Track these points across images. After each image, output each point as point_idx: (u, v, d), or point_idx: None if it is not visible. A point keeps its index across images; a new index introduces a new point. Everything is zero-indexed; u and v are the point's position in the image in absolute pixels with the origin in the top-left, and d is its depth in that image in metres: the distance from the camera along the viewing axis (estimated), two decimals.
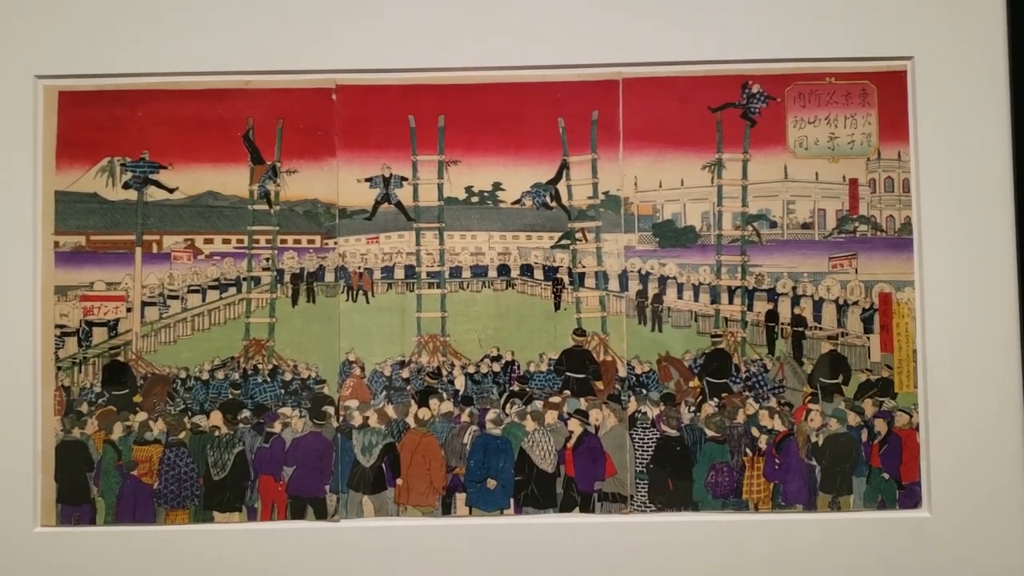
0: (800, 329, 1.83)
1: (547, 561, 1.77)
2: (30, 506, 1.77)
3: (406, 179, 1.86)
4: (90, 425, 1.81)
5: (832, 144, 1.83)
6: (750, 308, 1.84)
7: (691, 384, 1.83)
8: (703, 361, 1.83)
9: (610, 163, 1.83)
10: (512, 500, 1.80)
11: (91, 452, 1.80)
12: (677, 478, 1.80)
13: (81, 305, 1.82)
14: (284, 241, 1.86)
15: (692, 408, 1.82)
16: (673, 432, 1.81)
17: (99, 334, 1.83)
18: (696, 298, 1.85)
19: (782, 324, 1.83)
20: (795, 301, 1.83)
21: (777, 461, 1.80)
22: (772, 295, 1.84)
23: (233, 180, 1.84)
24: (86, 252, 1.83)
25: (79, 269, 1.82)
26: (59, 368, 1.81)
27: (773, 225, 1.84)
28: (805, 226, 1.83)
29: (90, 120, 1.82)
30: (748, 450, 1.81)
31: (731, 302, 1.84)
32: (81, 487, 1.79)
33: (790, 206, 1.84)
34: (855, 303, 1.82)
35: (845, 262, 1.82)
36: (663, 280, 1.84)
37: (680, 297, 1.84)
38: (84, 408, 1.81)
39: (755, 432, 1.81)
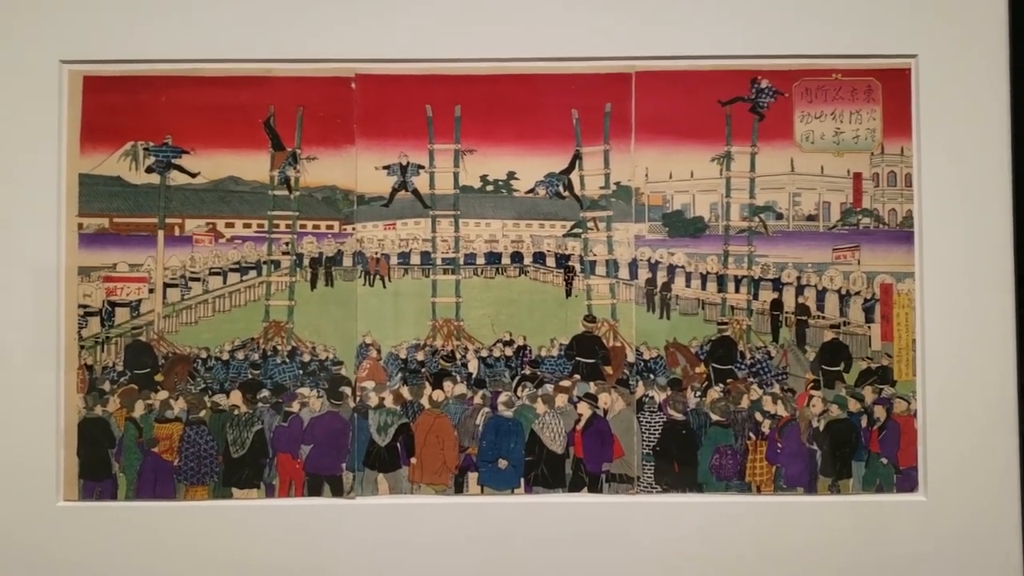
0: (804, 318, 1.88)
1: (556, 539, 1.82)
2: (53, 481, 1.81)
3: (423, 167, 1.89)
4: (112, 403, 1.85)
5: (837, 139, 1.88)
6: (755, 297, 1.89)
7: (697, 370, 1.87)
8: (709, 348, 1.88)
9: (622, 154, 1.87)
10: (522, 480, 1.85)
11: (113, 429, 1.84)
12: (682, 460, 1.85)
13: (104, 286, 1.85)
14: (303, 226, 1.89)
15: (698, 393, 1.87)
16: (679, 416, 1.86)
17: (122, 314, 1.86)
18: (703, 286, 1.89)
19: (786, 313, 1.88)
20: (799, 291, 1.88)
21: (779, 445, 1.85)
22: (777, 284, 1.88)
23: (254, 166, 1.87)
24: (109, 234, 1.86)
25: (102, 251, 1.85)
26: (82, 347, 1.84)
27: (779, 217, 1.89)
28: (810, 218, 1.88)
29: (114, 105, 1.85)
30: (751, 434, 1.86)
31: (737, 291, 1.89)
32: (103, 463, 1.83)
33: (796, 198, 1.88)
34: (857, 293, 1.87)
35: (848, 253, 1.87)
36: (672, 269, 1.89)
37: (688, 285, 1.89)
38: (106, 386, 1.85)
39: (758, 417, 1.86)
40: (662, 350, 1.87)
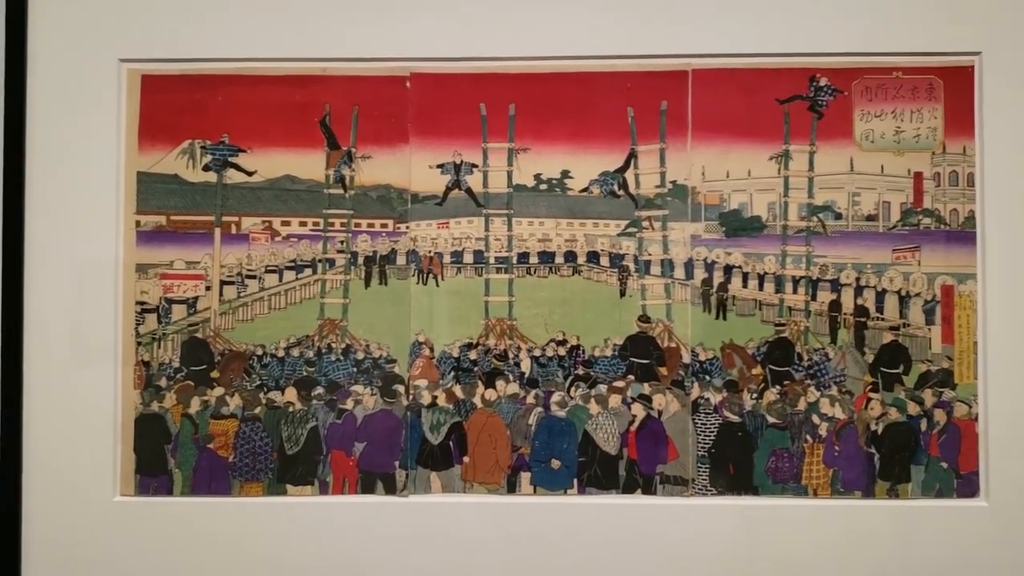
0: (862, 319, 1.85)
1: (609, 540, 1.81)
2: (110, 476, 1.83)
3: (476, 166, 1.89)
4: (168, 399, 1.86)
5: (898, 138, 1.85)
6: (814, 298, 1.87)
7: (754, 371, 1.86)
8: (766, 349, 1.86)
9: (678, 153, 1.86)
10: (576, 480, 1.84)
11: (169, 425, 1.85)
12: (738, 463, 1.83)
13: (161, 283, 1.86)
14: (358, 225, 1.90)
15: (754, 395, 1.85)
16: (735, 418, 1.84)
17: (178, 311, 1.87)
18: (761, 287, 1.87)
19: (845, 314, 1.86)
20: (858, 292, 1.85)
21: (837, 448, 1.83)
22: (835, 285, 1.86)
23: (310, 164, 1.88)
24: (166, 232, 1.87)
25: (160, 248, 1.87)
26: (139, 343, 1.86)
27: (838, 216, 1.86)
28: (870, 218, 1.86)
29: (172, 103, 1.86)
30: (808, 437, 1.84)
31: (795, 292, 1.87)
32: (159, 459, 1.85)
33: (855, 198, 1.86)
34: (917, 295, 1.84)
35: (908, 254, 1.84)
36: (728, 269, 1.87)
37: (745, 286, 1.87)
38: (163, 383, 1.86)
39: (816, 419, 1.84)
40: (718, 351, 1.86)
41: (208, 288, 1.88)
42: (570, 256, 1.89)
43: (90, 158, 1.85)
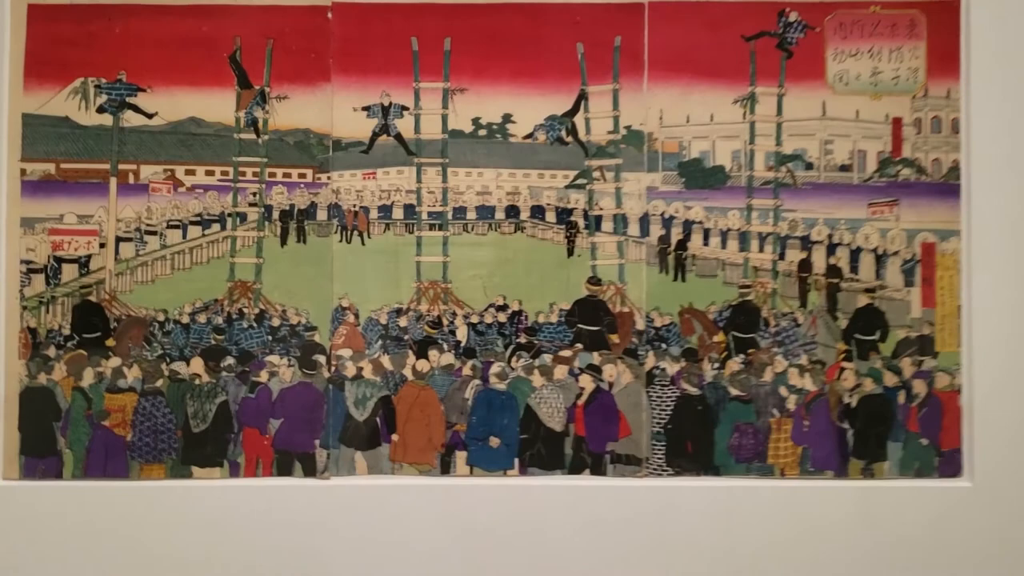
0: (835, 281, 1.80)
1: (553, 526, 1.72)
2: None
3: (407, 108, 1.81)
4: (58, 370, 1.78)
5: (875, 79, 1.79)
6: (782, 257, 1.81)
7: (715, 338, 1.79)
8: (729, 314, 1.81)
9: (633, 94, 1.78)
10: (516, 460, 1.78)
11: (59, 400, 1.78)
12: (697, 440, 1.77)
13: (49, 239, 1.79)
14: (273, 174, 1.82)
15: (716, 365, 1.79)
16: (694, 390, 1.78)
17: (69, 271, 1.79)
18: (724, 245, 1.82)
19: (816, 275, 1.81)
20: (831, 250, 1.80)
21: (806, 423, 1.77)
22: (806, 243, 1.81)
23: (218, 105, 1.80)
24: (55, 181, 1.79)
25: (48, 200, 1.78)
26: (25, 307, 1.78)
27: (809, 167, 1.81)
28: (843, 168, 1.80)
29: (62, 36, 1.78)
30: (775, 411, 1.78)
31: (761, 250, 1.82)
32: (47, 438, 1.76)
33: (828, 146, 1.80)
34: (895, 253, 1.79)
35: (886, 208, 1.78)
36: (688, 225, 1.81)
37: (706, 243, 1.82)
38: (51, 352, 1.78)
39: (783, 392, 1.78)
40: (676, 316, 1.80)
41: (103, 245, 1.81)
42: (512, 211, 1.82)
43: None
